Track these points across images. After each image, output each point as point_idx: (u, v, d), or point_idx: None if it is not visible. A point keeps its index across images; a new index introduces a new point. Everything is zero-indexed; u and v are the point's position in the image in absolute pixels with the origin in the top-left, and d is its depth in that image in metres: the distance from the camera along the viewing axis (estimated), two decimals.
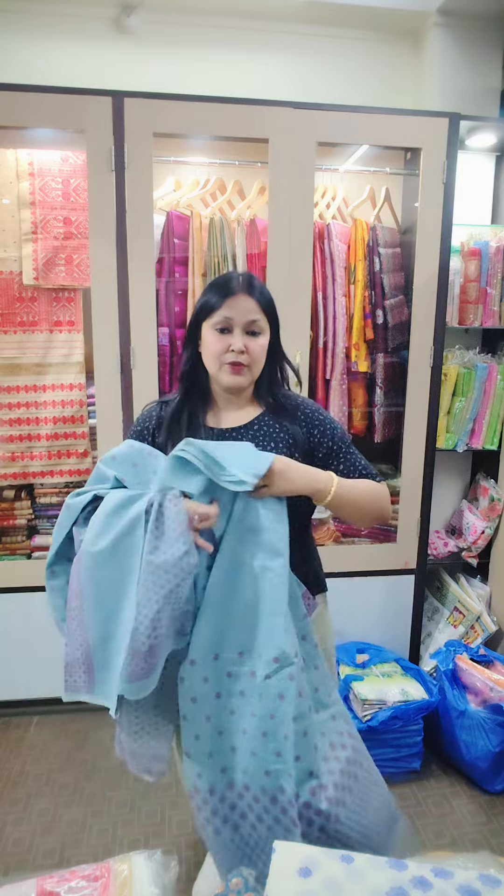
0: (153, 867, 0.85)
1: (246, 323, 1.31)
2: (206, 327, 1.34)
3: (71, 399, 2.39)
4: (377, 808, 1.27)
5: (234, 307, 1.30)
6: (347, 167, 2.51)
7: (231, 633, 1.18)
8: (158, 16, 2.44)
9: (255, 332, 1.32)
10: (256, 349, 1.32)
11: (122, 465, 1.26)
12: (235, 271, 1.41)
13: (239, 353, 1.30)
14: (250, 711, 1.15)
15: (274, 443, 1.34)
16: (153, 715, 1.26)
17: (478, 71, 2.55)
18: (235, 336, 1.30)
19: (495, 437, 2.56)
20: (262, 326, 1.32)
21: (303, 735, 1.17)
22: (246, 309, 1.30)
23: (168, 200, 2.38)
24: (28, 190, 2.25)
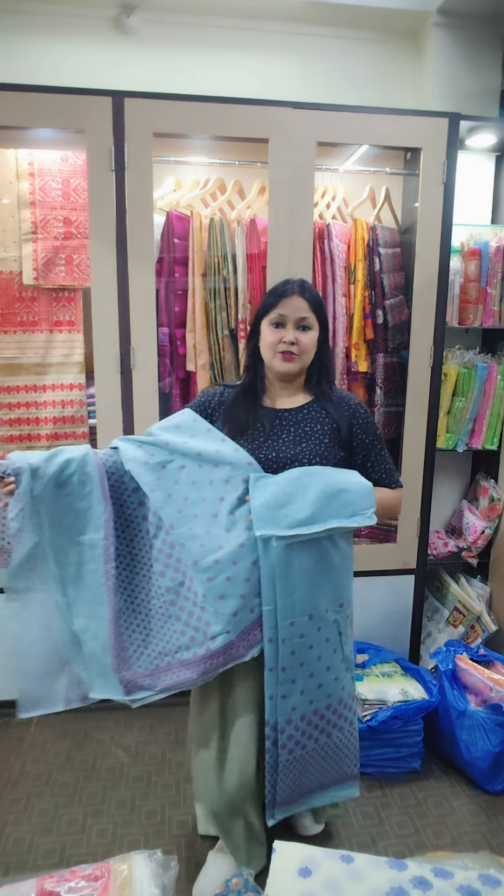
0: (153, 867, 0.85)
1: (297, 319, 1.55)
2: (264, 324, 1.58)
3: (71, 399, 2.39)
4: (338, 763, 1.62)
5: (287, 306, 1.55)
6: (347, 167, 2.51)
7: (322, 592, 1.49)
8: (158, 16, 2.44)
9: (305, 328, 1.56)
10: (306, 341, 1.56)
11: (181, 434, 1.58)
12: (292, 278, 1.61)
13: (290, 344, 1.54)
14: (329, 651, 1.53)
15: (320, 426, 1.59)
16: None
17: (478, 71, 2.55)
18: (288, 330, 1.55)
19: (495, 437, 2.56)
20: (311, 323, 1.56)
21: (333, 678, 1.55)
22: (297, 307, 1.55)
23: (168, 200, 2.38)
24: (28, 190, 2.25)
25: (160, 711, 2.48)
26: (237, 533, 1.45)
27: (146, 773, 2.15)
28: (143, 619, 1.54)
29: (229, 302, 2.34)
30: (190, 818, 1.95)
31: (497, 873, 0.69)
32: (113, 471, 1.57)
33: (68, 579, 1.52)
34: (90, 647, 1.52)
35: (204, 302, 2.34)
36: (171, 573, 1.52)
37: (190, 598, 1.49)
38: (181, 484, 1.52)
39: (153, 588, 1.54)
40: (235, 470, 1.51)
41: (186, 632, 1.49)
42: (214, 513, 1.49)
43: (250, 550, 1.44)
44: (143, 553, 1.57)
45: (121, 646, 1.51)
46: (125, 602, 1.55)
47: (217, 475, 1.51)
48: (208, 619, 1.45)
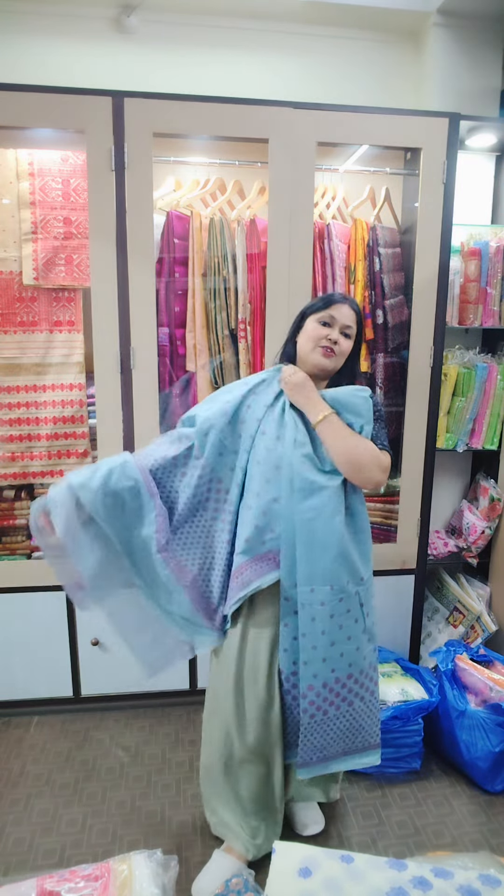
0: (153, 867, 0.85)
1: (343, 325, 1.68)
2: (310, 319, 1.70)
3: (71, 399, 2.39)
4: (359, 729, 1.71)
5: (338, 311, 1.68)
6: (347, 167, 2.51)
7: (343, 566, 1.61)
8: (158, 16, 2.44)
9: (347, 335, 1.69)
10: (345, 345, 1.69)
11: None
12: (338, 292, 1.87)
13: (333, 342, 1.67)
14: (351, 620, 1.63)
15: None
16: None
17: (478, 71, 2.55)
18: (334, 330, 1.67)
19: (495, 437, 2.56)
20: (352, 333, 1.71)
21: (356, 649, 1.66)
22: (346, 315, 1.69)
23: (168, 200, 2.38)
24: (28, 190, 2.25)
25: (160, 711, 2.48)
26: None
27: (146, 773, 2.15)
28: (211, 563, 1.69)
29: (229, 302, 2.34)
30: (190, 818, 1.95)
31: (497, 873, 0.69)
32: (158, 466, 1.68)
33: (141, 569, 1.65)
34: (179, 616, 1.67)
35: (204, 302, 2.34)
36: (218, 497, 1.70)
37: (227, 530, 1.69)
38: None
39: (207, 523, 1.71)
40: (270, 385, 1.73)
41: (224, 555, 1.68)
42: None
43: (274, 491, 1.61)
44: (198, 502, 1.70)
45: (206, 603, 1.68)
46: (195, 562, 1.69)
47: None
48: (234, 544, 1.68)
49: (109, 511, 1.60)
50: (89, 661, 2.43)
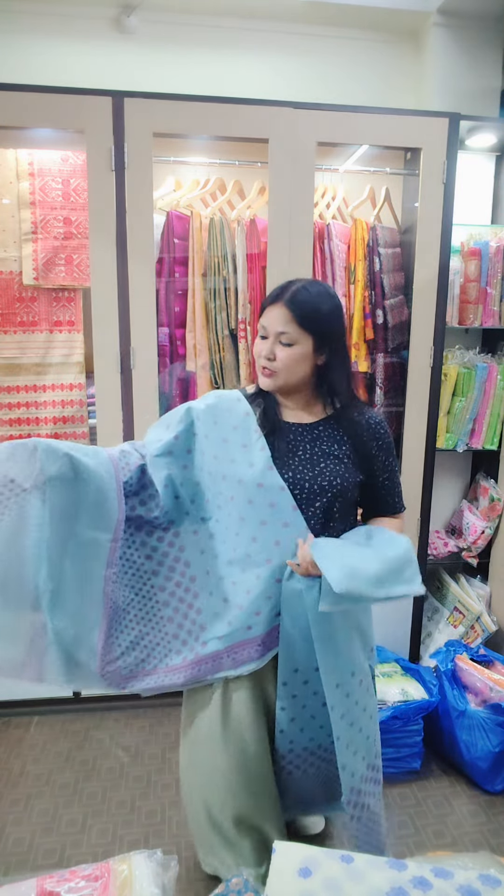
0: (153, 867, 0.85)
1: (275, 332, 1.39)
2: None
3: (71, 399, 2.39)
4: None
5: (268, 316, 1.41)
6: (347, 167, 2.51)
7: (359, 642, 1.45)
8: (158, 16, 2.44)
9: (287, 344, 1.39)
10: (283, 357, 1.39)
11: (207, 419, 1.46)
12: (296, 280, 1.43)
13: (267, 360, 1.41)
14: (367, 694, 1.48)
15: (338, 445, 1.46)
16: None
17: (478, 71, 2.55)
18: (267, 343, 1.41)
19: (495, 437, 2.56)
20: (293, 338, 1.38)
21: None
22: (277, 319, 1.39)
23: (168, 200, 2.38)
24: (28, 190, 2.25)
25: (160, 711, 2.48)
26: (267, 565, 1.38)
27: (146, 773, 2.15)
28: (135, 620, 1.45)
29: (229, 302, 2.34)
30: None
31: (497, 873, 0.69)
32: (131, 471, 1.45)
33: (65, 575, 1.37)
34: (69, 646, 1.39)
35: (204, 302, 2.34)
36: (181, 569, 1.46)
37: (187, 599, 1.45)
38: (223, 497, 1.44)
39: (153, 587, 1.47)
40: (268, 494, 1.38)
41: (179, 634, 1.44)
42: (253, 536, 1.40)
43: (271, 581, 1.37)
44: (149, 551, 1.48)
45: (108, 649, 1.42)
46: (123, 602, 1.45)
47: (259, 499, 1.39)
48: (203, 622, 1.42)
49: (66, 484, 1.34)
50: None
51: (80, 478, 1.35)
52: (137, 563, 1.45)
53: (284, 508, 1.37)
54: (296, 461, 1.42)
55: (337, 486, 1.41)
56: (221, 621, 1.39)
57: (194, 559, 1.45)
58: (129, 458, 1.44)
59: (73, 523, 1.36)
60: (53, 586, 1.34)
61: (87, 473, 1.35)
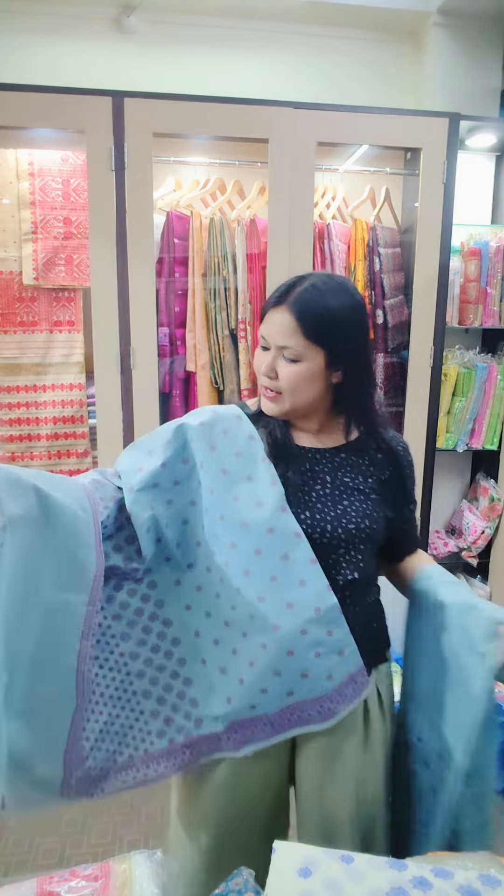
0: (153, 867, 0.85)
1: (277, 346, 1.08)
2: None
3: (71, 399, 2.39)
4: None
5: (269, 323, 1.09)
6: (347, 167, 2.51)
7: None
8: (158, 16, 2.44)
9: (287, 359, 1.08)
10: (286, 375, 1.08)
11: (201, 440, 1.13)
12: (304, 275, 1.11)
13: (267, 377, 1.11)
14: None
15: (363, 476, 1.17)
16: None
17: (478, 71, 2.55)
18: (268, 356, 1.10)
19: (495, 437, 2.56)
20: (298, 353, 1.07)
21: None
22: (278, 328, 1.07)
23: (168, 200, 2.38)
24: (28, 190, 2.25)
25: None
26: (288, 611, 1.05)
27: None
28: (102, 700, 1.06)
29: (229, 302, 2.34)
30: None
31: (497, 873, 0.69)
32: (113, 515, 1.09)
33: (23, 656, 0.95)
34: (25, 759, 0.95)
35: (204, 302, 2.34)
36: (158, 629, 1.11)
37: (169, 667, 1.10)
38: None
39: (123, 654, 1.09)
40: (280, 542, 1.07)
41: (160, 712, 1.08)
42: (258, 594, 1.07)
43: (281, 653, 1.04)
44: (118, 609, 1.10)
45: (75, 749, 1.01)
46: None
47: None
48: (195, 695, 1.08)
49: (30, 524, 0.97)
50: None
51: (49, 518, 0.98)
52: (103, 625, 1.07)
53: (301, 562, 1.06)
54: (314, 498, 1.13)
55: (365, 529, 1.13)
56: (218, 697, 1.07)
57: (177, 616, 1.10)
58: (104, 491, 1.10)
59: (36, 582, 0.96)
60: (8, 677, 0.93)
61: (58, 512, 0.99)
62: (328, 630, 1.06)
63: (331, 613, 1.06)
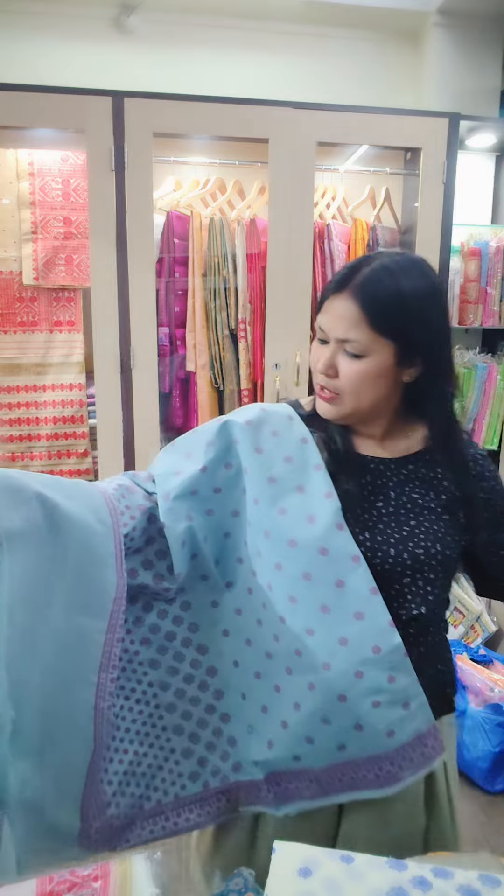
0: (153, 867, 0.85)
1: (337, 340, 0.93)
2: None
3: (71, 399, 2.39)
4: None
5: (328, 312, 0.94)
6: (347, 167, 2.51)
7: None
8: (158, 16, 2.44)
9: (350, 354, 0.93)
10: (349, 373, 0.93)
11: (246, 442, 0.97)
12: (371, 255, 0.96)
13: (325, 375, 0.95)
14: None
15: (434, 493, 1.00)
16: None
17: (478, 71, 2.55)
18: (326, 350, 0.95)
19: (495, 437, 2.56)
20: (361, 347, 0.92)
21: None
22: (339, 318, 0.92)
23: (168, 200, 2.38)
24: (28, 190, 2.25)
25: None
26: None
27: None
28: (128, 737, 0.92)
29: (229, 302, 2.34)
30: None
31: (497, 873, 0.69)
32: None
33: (32, 691, 0.81)
34: (38, 806, 0.82)
35: (204, 302, 2.34)
36: (192, 656, 0.97)
37: (204, 700, 0.96)
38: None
39: (153, 684, 0.96)
40: (335, 566, 0.91)
41: (194, 750, 0.95)
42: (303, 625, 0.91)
43: (331, 697, 0.88)
44: (147, 633, 0.97)
45: (95, 794, 0.86)
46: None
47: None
48: (233, 734, 0.95)
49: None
50: None
51: (58, 533, 0.85)
52: (130, 651, 0.94)
53: (358, 590, 0.90)
54: (375, 516, 0.97)
55: (436, 554, 0.96)
56: (259, 739, 0.93)
57: (213, 643, 0.97)
58: (132, 499, 0.95)
59: (44, 607, 0.83)
60: (15, 712, 0.80)
61: (69, 525, 0.85)
62: (390, 675, 0.88)
63: (394, 655, 0.88)
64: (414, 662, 0.90)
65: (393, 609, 0.91)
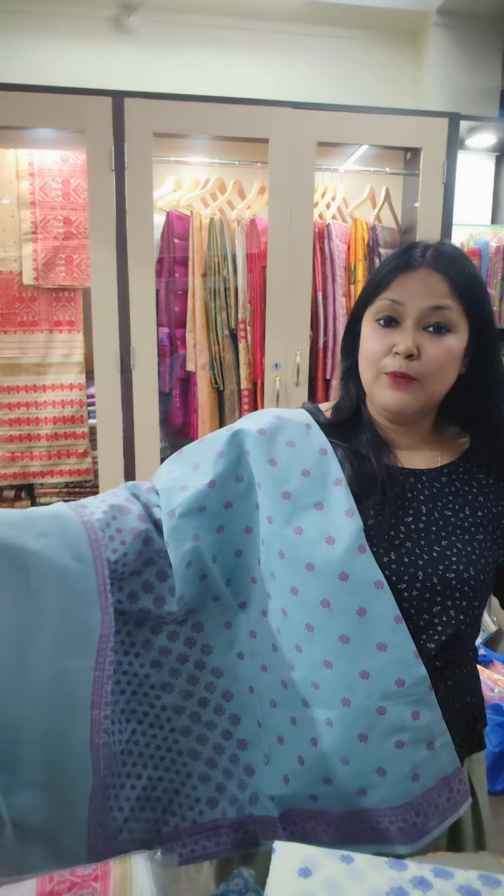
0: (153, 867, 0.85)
1: (423, 311, 0.84)
2: (366, 319, 0.90)
3: (71, 399, 2.39)
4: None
5: (407, 286, 0.84)
6: (347, 167, 2.51)
7: None
8: (158, 16, 2.44)
9: (440, 328, 0.84)
10: (437, 354, 0.84)
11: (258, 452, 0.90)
12: (422, 240, 0.89)
13: (406, 357, 0.84)
14: None
15: (469, 508, 0.90)
16: None
17: (478, 71, 2.55)
18: (405, 331, 0.85)
19: None
20: (451, 319, 0.84)
21: None
22: (426, 290, 0.84)
23: (168, 200, 2.38)
24: (28, 190, 2.25)
25: None
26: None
27: None
28: (141, 762, 0.90)
29: (229, 302, 2.34)
30: None
31: (497, 873, 0.69)
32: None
33: (23, 730, 0.80)
34: (42, 817, 0.81)
35: (204, 302, 2.34)
36: (206, 679, 0.92)
37: (220, 725, 0.91)
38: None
39: (166, 708, 0.92)
40: (356, 592, 0.83)
41: (210, 777, 0.90)
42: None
43: (351, 735, 0.82)
44: (157, 655, 0.92)
45: (102, 821, 0.85)
46: (118, 741, 0.88)
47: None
48: (250, 761, 0.90)
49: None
50: None
51: (26, 576, 0.79)
52: (140, 674, 0.91)
53: (381, 619, 0.83)
54: (402, 534, 0.87)
55: (469, 579, 0.86)
56: (275, 771, 0.88)
57: (228, 666, 0.92)
58: (123, 521, 0.87)
59: (23, 653, 0.79)
60: (13, 751, 0.80)
61: (40, 568, 0.80)
62: (414, 711, 0.81)
63: (418, 689, 0.82)
64: (441, 696, 0.83)
65: (418, 639, 0.84)
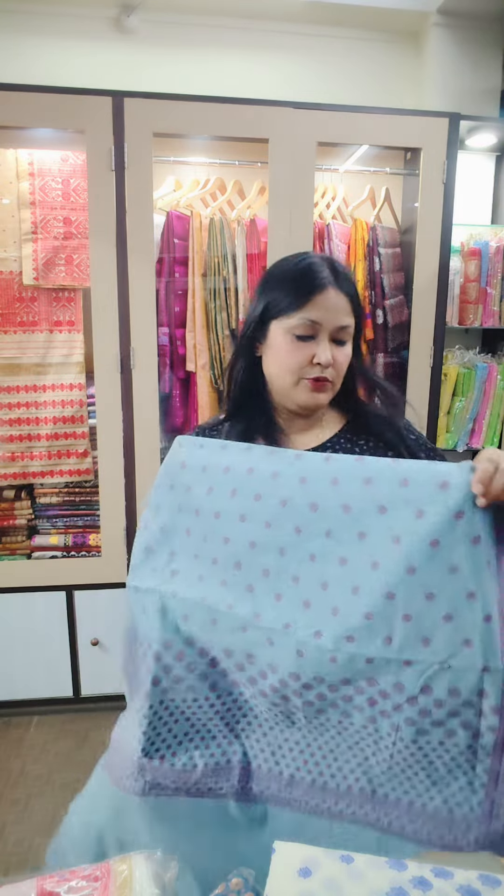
0: (153, 867, 0.85)
1: (335, 329, 1.02)
2: (277, 329, 1.03)
3: (71, 399, 2.39)
4: None
5: (322, 307, 1.00)
6: (347, 167, 2.51)
7: None
8: (158, 16, 2.44)
9: (343, 341, 1.03)
10: (342, 360, 1.04)
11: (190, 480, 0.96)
12: (311, 254, 1.05)
13: (325, 368, 1.02)
14: None
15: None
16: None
17: (478, 71, 2.55)
18: (321, 345, 1.01)
19: (495, 437, 2.56)
20: (350, 332, 1.04)
21: None
22: (336, 310, 1.01)
23: (168, 200, 2.38)
24: (28, 190, 2.25)
25: None
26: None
27: None
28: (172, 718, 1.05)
29: (229, 302, 2.34)
30: None
31: (497, 873, 0.69)
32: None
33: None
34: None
35: (204, 302, 2.34)
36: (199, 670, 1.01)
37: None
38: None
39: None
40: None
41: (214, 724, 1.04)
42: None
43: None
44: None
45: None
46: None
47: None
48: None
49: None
50: (89, 661, 2.43)
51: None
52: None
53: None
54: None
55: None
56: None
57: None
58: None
59: None
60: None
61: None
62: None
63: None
64: None
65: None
